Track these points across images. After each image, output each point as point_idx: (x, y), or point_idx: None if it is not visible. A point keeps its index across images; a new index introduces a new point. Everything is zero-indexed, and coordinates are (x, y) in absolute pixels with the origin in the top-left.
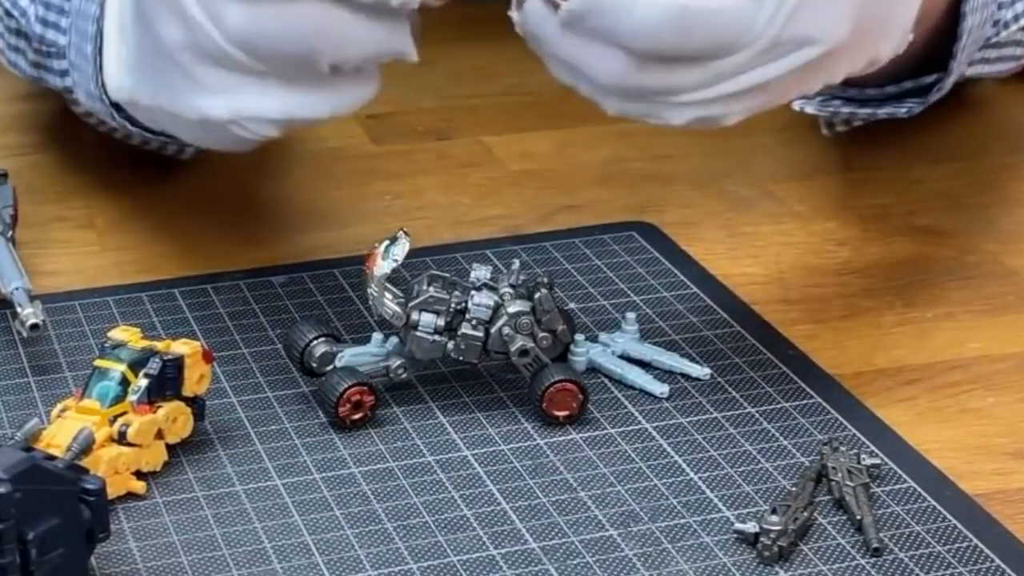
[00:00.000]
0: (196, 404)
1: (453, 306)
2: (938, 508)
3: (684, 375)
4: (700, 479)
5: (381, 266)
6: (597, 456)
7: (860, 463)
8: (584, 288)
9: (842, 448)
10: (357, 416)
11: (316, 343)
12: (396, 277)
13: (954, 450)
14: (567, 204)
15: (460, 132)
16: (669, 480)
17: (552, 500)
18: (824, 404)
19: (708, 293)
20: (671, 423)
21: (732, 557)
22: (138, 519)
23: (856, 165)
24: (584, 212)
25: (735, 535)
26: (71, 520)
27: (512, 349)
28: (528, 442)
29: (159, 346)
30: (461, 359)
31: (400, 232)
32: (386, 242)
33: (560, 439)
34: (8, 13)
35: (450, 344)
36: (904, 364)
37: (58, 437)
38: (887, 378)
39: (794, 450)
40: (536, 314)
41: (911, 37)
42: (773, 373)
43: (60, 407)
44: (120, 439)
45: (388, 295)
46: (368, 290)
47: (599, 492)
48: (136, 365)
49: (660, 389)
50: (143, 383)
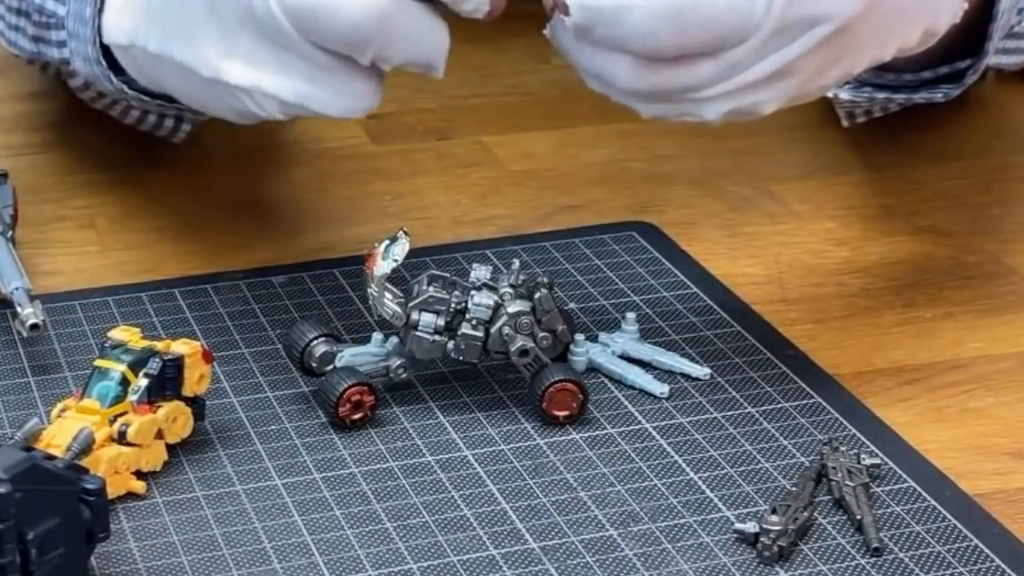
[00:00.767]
0: (196, 404)
1: (453, 306)
2: (938, 508)
3: (684, 375)
4: (700, 479)
5: (381, 266)
6: (597, 456)
7: (860, 463)
8: (584, 288)
9: (842, 448)
10: (357, 416)
11: (316, 343)
12: (396, 277)
13: (954, 450)
14: (567, 204)
15: (460, 132)
16: (669, 480)
17: (552, 500)
18: (824, 404)
19: (708, 293)
20: (671, 423)
21: (732, 557)
22: (138, 519)
23: (856, 165)
24: (584, 212)
25: (735, 535)
26: (71, 520)
27: (512, 349)
28: (528, 442)
29: (159, 346)
30: (461, 359)
31: (400, 232)
32: (386, 242)
33: (560, 439)
34: None
35: (450, 344)
36: (904, 364)
37: (58, 437)
38: (887, 378)
39: (794, 450)
40: (536, 314)
41: (966, 6)
42: (773, 373)
43: (60, 407)
44: (120, 439)
45: (388, 295)
46: (368, 290)
47: (599, 492)
48: (136, 365)
49: (660, 389)
50: (143, 383)
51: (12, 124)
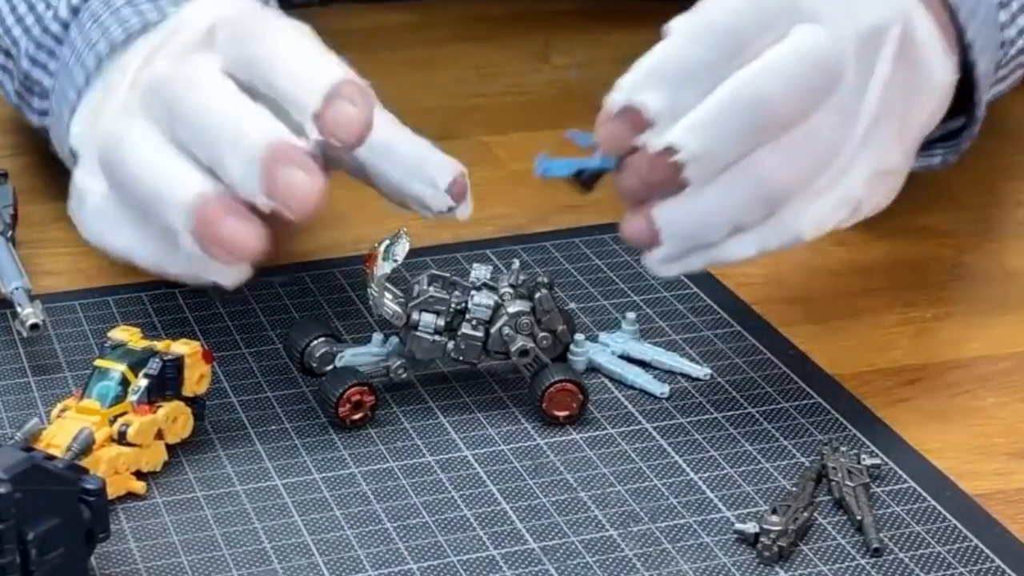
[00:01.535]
0: (196, 404)
1: (453, 306)
2: (938, 508)
3: (684, 375)
4: (700, 479)
5: (381, 266)
6: (597, 456)
7: (860, 463)
8: (584, 288)
9: (842, 448)
10: (357, 416)
11: (316, 343)
12: (396, 277)
13: (954, 450)
14: (567, 204)
15: (460, 132)
16: (669, 480)
17: (552, 500)
18: (824, 404)
19: (708, 293)
20: (671, 423)
21: (732, 557)
22: (138, 519)
23: None
24: (584, 212)
25: (735, 535)
26: (71, 520)
27: (512, 349)
28: (528, 442)
29: (159, 346)
30: (461, 359)
31: (400, 232)
32: (386, 242)
33: (560, 439)
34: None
35: (450, 344)
36: (904, 364)
37: (58, 437)
38: (887, 378)
39: (794, 450)
40: (536, 314)
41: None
42: (773, 373)
43: (60, 407)
44: (120, 439)
45: (388, 295)
46: (368, 290)
47: (599, 492)
48: (136, 365)
49: (660, 389)
50: (143, 383)
51: (13, 124)
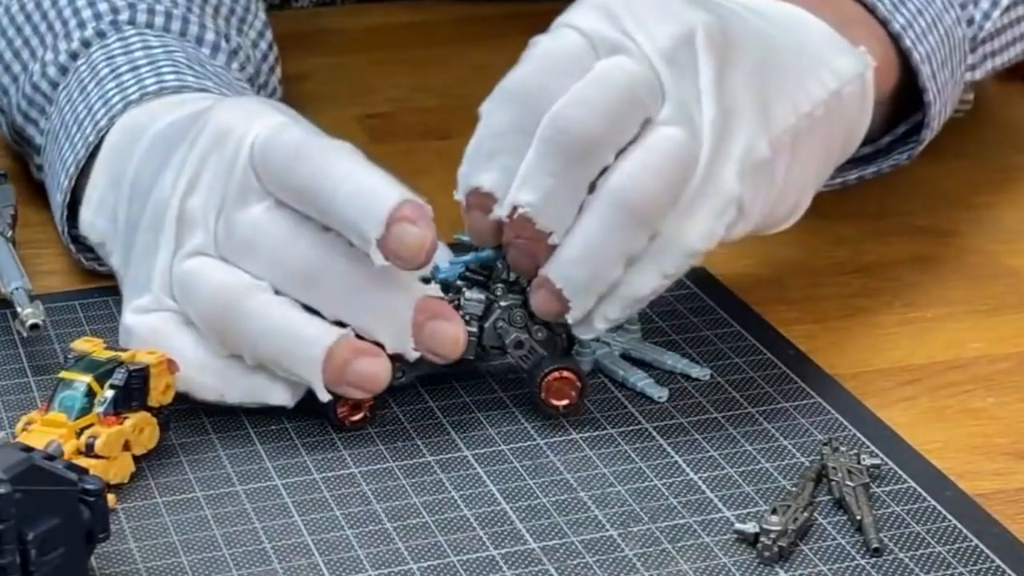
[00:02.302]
0: (162, 414)
1: None
2: (938, 508)
3: (684, 375)
4: (700, 479)
5: None
6: (597, 456)
7: (860, 463)
8: None
9: (842, 448)
10: (357, 417)
11: None
12: None
13: (954, 450)
14: None
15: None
16: (669, 480)
17: (552, 500)
18: (824, 404)
19: (708, 293)
20: (671, 423)
21: (732, 557)
22: (138, 519)
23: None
24: None
25: (735, 535)
26: (71, 520)
27: (507, 342)
28: (528, 442)
29: (124, 356)
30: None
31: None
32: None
33: (560, 439)
34: None
35: None
36: (904, 364)
37: None
38: (887, 378)
39: (794, 450)
40: (529, 307)
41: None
42: (773, 373)
43: (25, 420)
44: (88, 452)
45: None
46: None
47: (599, 492)
48: (102, 376)
49: (659, 394)
50: (109, 394)
51: None
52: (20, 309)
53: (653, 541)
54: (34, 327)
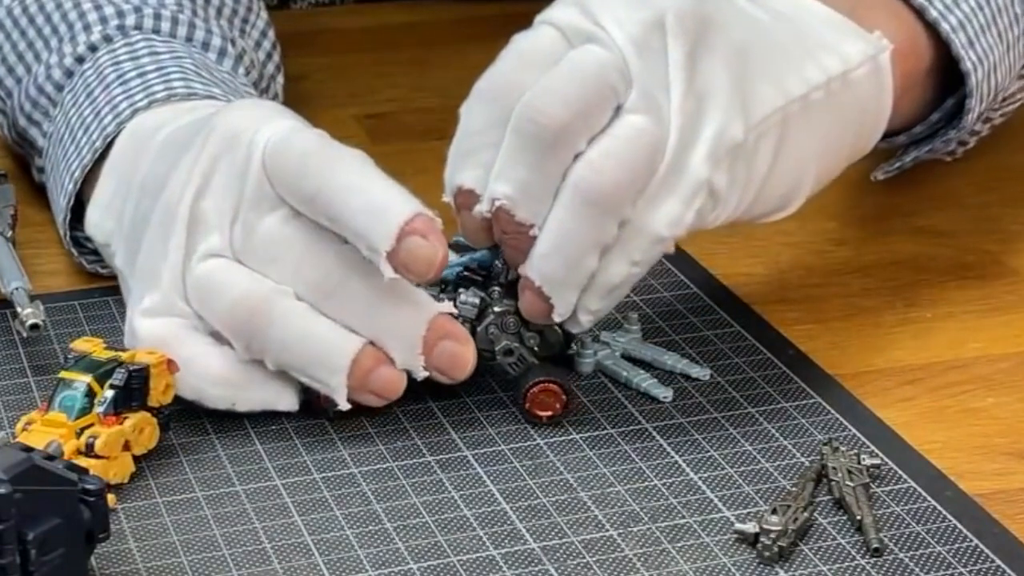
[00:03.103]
0: (161, 414)
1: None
2: (938, 508)
3: (684, 375)
4: (700, 479)
5: None
6: (597, 456)
7: (860, 463)
8: None
9: (842, 448)
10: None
11: None
12: None
13: (954, 450)
14: None
15: None
16: (669, 480)
17: (552, 500)
18: (824, 404)
19: (708, 293)
20: (671, 423)
21: (732, 557)
22: (138, 519)
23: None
24: None
25: (735, 535)
26: (71, 520)
27: (496, 348)
28: (528, 442)
29: (123, 356)
30: None
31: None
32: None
33: (560, 439)
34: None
35: None
36: (904, 364)
37: None
38: (887, 378)
39: (794, 450)
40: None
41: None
42: (773, 373)
43: (25, 420)
44: (87, 451)
45: None
46: None
47: (599, 492)
48: (102, 376)
49: (663, 394)
50: (109, 394)
51: None
52: (20, 309)
53: (653, 541)
54: (34, 327)
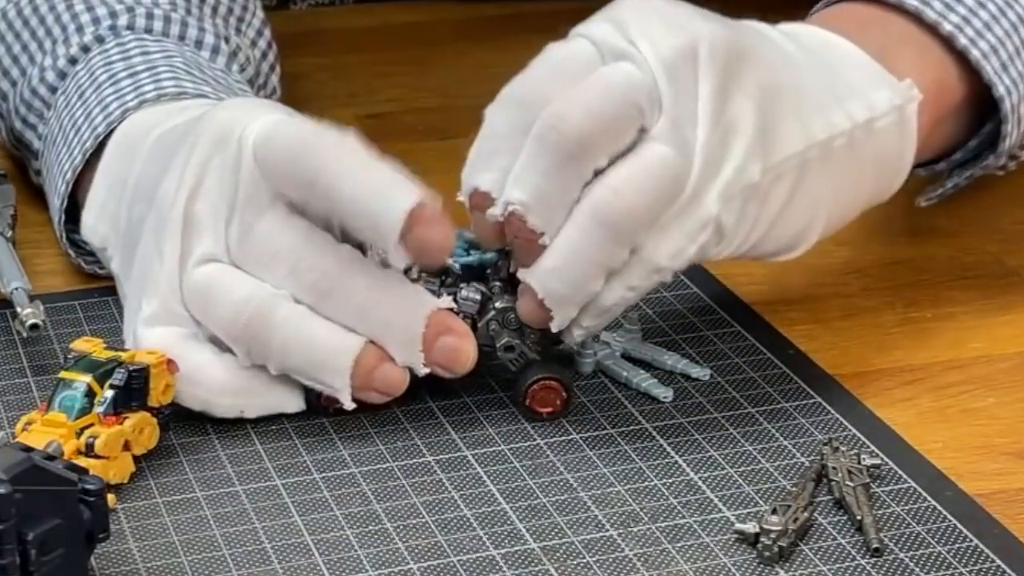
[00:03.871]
0: (161, 414)
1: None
2: (938, 508)
3: (684, 375)
4: (700, 479)
5: None
6: (597, 456)
7: (860, 463)
8: None
9: (842, 448)
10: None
11: None
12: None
13: (954, 450)
14: None
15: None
16: (669, 480)
17: (552, 500)
18: (824, 404)
19: (708, 293)
20: (671, 423)
21: (732, 557)
22: (138, 519)
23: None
24: None
25: (735, 535)
26: (71, 520)
27: (497, 344)
28: (528, 442)
29: (123, 356)
30: None
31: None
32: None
33: (560, 439)
34: None
35: None
36: (904, 364)
37: None
38: (887, 378)
39: (794, 450)
40: None
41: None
42: (773, 373)
43: (24, 420)
44: (87, 451)
45: None
46: None
47: (599, 492)
48: (102, 376)
49: (664, 394)
50: (109, 394)
51: None
52: (20, 309)
53: (653, 541)
54: (34, 327)
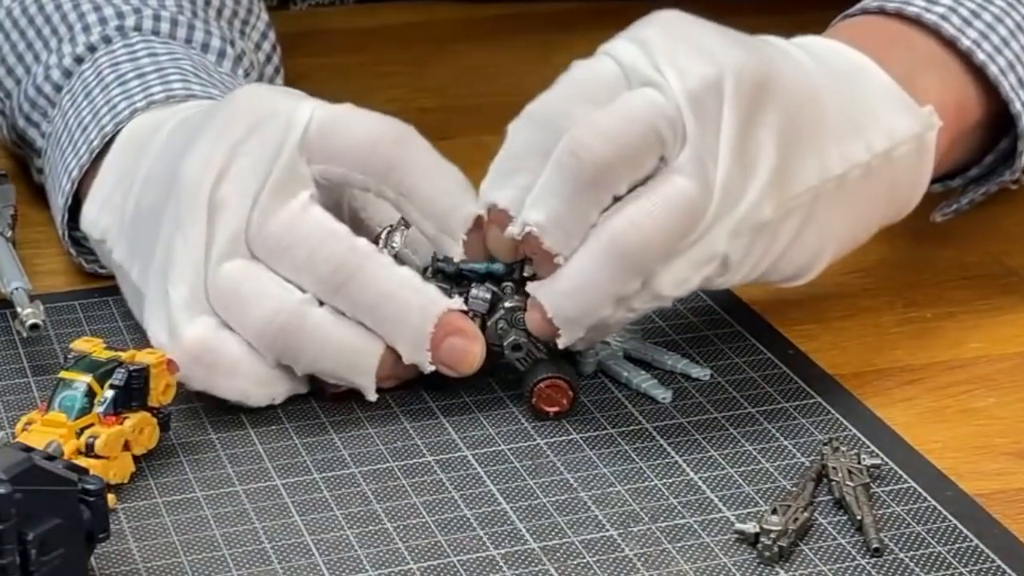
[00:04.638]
0: (161, 415)
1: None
2: (938, 508)
3: (684, 375)
4: (700, 479)
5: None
6: (597, 456)
7: (860, 463)
8: None
9: (842, 448)
10: (339, 390)
11: None
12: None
13: (954, 450)
14: None
15: (460, 132)
16: (669, 480)
17: (552, 500)
18: (824, 404)
19: (708, 293)
20: (671, 423)
21: (732, 557)
22: (138, 519)
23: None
24: None
25: (735, 535)
26: (71, 520)
27: (505, 343)
28: (528, 442)
29: (124, 356)
30: None
31: (400, 220)
32: (387, 229)
33: (560, 439)
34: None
35: None
36: (904, 364)
37: None
38: (887, 378)
39: (794, 450)
40: None
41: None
42: (773, 373)
43: (24, 420)
44: (87, 451)
45: None
46: None
47: (599, 492)
48: (102, 376)
49: (663, 395)
50: (109, 394)
51: None
52: (20, 309)
53: (653, 541)
54: (34, 327)
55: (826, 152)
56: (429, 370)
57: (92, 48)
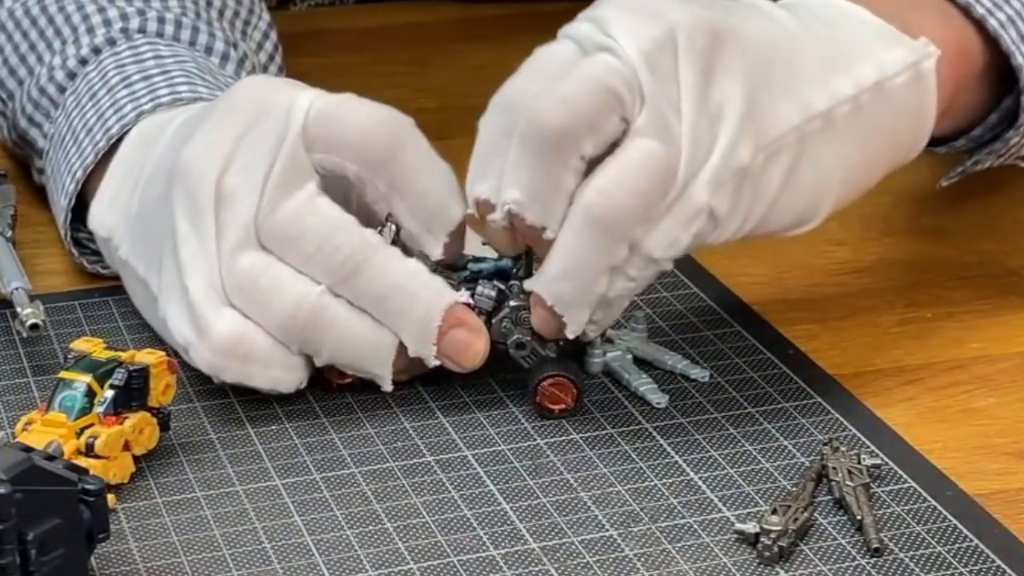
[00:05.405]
0: (161, 414)
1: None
2: (938, 508)
3: (684, 375)
4: (700, 479)
5: None
6: (597, 456)
7: (860, 463)
8: None
9: (842, 448)
10: (345, 381)
11: None
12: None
13: (954, 450)
14: None
15: (460, 132)
16: (669, 480)
17: (552, 500)
18: (824, 404)
19: (708, 293)
20: (671, 423)
21: (732, 557)
22: (138, 519)
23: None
24: None
25: (735, 535)
26: (71, 520)
27: (508, 341)
28: (528, 442)
29: (124, 356)
30: None
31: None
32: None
33: (560, 439)
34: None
35: None
36: (904, 364)
37: None
38: (887, 378)
39: (794, 450)
40: None
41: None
42: (773, 373)
43: (24, 420)
44: (87, 451)
45: None
46: None
47: (599, 492)
48: (102, 376)
49: (658, 400)
50: (109, 394)
51: None
52: (20, 309)
53: (653, 541)
54: (34, 327)
55: (805, 91)
56: (433, 364)
57: (97, 50)
